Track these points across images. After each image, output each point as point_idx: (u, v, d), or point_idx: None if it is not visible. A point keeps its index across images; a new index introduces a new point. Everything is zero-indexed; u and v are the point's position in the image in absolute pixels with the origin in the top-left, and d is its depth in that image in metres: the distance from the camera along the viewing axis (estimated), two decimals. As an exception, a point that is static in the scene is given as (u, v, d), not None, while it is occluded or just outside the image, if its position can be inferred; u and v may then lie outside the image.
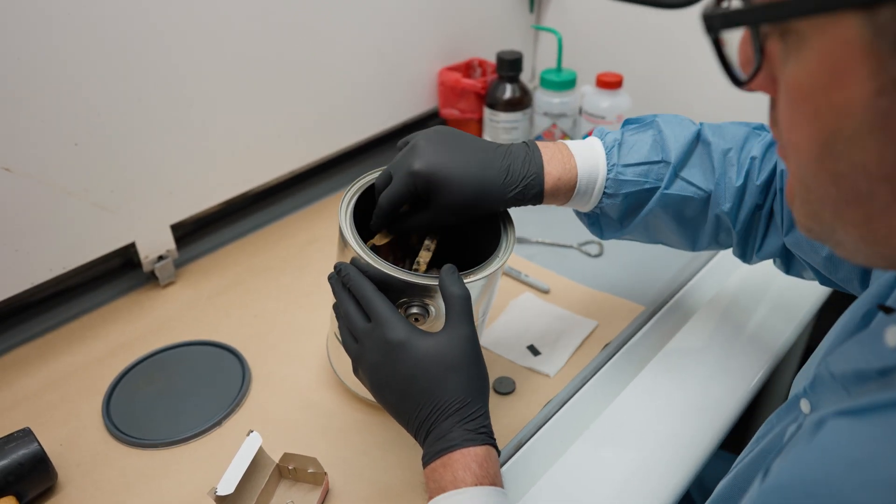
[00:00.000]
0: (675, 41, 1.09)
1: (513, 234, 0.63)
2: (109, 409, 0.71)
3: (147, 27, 0.74)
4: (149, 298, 0.86)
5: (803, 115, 0.31)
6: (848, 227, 0.33)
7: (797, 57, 0.30)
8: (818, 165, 0.31)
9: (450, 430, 0.52)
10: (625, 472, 0.62)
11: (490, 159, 0.60)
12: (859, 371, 0.38)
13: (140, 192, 0.81)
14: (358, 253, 0.57)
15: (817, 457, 0.32)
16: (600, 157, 0.63)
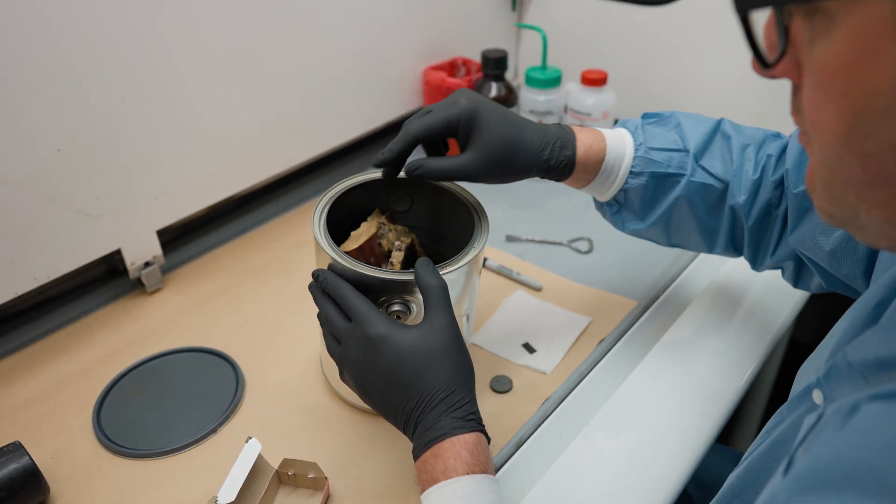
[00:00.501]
0: (657, 38, 1.10)
1: (486, 226, 0.63)
2: (100, 419, 0.69)
3: (130, 31, 0.72)
4: (135, 306, 0.85)
5: (831, 96, 0.31)
6: (872, 210, 0.33)
7: (825, 38, 0.30)
8: (845, 146, 0.31)
9: (437, 420, 0.51)
10: (626, 466, 0.62)
11: (527, 122, 0.62)
12: (881, 359, 0.38)
13: (125, 198, 0.79)
14: (332, 257, 0.58)
15: (853, 440, 0.32)
16: (626, 137, 0.65)
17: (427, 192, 0.71)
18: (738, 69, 1.03)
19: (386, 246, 0.70)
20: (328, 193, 0.65)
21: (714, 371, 0.71)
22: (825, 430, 0.38)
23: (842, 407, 0.38)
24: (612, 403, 0.68)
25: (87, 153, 0.73)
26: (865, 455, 0.31)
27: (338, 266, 0.58)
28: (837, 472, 0.31)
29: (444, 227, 0.73)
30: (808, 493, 0.32)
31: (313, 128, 0.99)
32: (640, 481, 0.61)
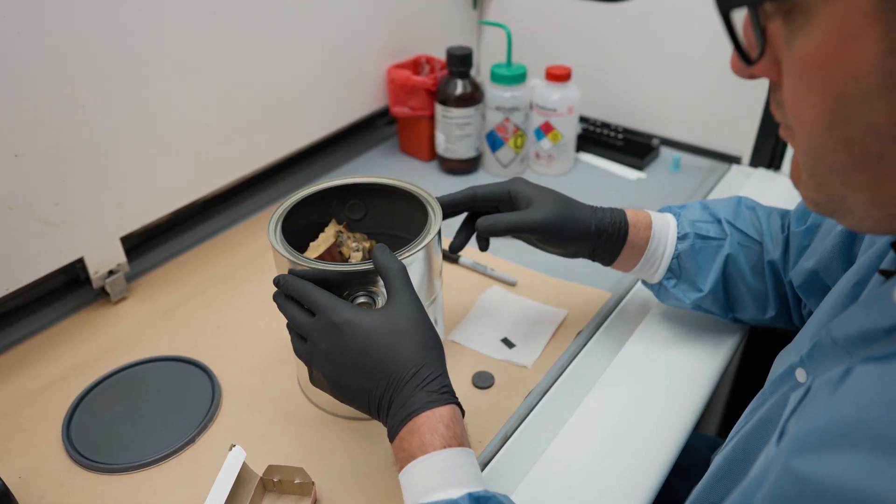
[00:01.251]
0: (617, 34, 1.12)
1: (439, 213, 0.64)
2: (70, 435, 0.66)
3: (90, 32, 0.70)
4: (100, 316, 0.82)
5: (813, 86, 0.32)
6: (858, 193, 0.35)
7: (805, 32, 0.32)
8: (828, 133, 0.33)
9: (410, 395, 0.51)
10: (612, 454, 0.63)
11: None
12: (865, 332, 0.40)
13: (87, 205, 0.76)
14: (292, 260, 0.59)
15: (847, 400, 0.33)
16: (666, 213, 0.71)
17: (381, 198, 0.72)
18: (695, 64, 1.06)
19: (346, 253, 0.70)
20: (282, 204, 0.66)
21: (690, 358, 0.73)
22: (817, 397, 0.39)
23: (831, 376, 0.39)
24: (594, 394, 0.69)
25: (45, 159, 0.71)
26: (860, 413, 0.32)
27: (297, 269, 0.59)
28: (833, 432, 0.32)
29: (402, 229, 0.73)
30: (806, 452, 0.33)
31: (279, 129, 0.97)
32: (628, 468, 0.61)
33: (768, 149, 1.06)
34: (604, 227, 0.68)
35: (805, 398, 0.43)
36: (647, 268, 0.71)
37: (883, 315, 0.38)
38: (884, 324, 0.37)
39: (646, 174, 1.09)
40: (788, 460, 0.33)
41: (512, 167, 1.09)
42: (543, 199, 0.67)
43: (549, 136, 1.05)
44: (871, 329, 0.39)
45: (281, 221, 0.64)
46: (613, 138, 1.14)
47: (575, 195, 1.03)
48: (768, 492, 0.34)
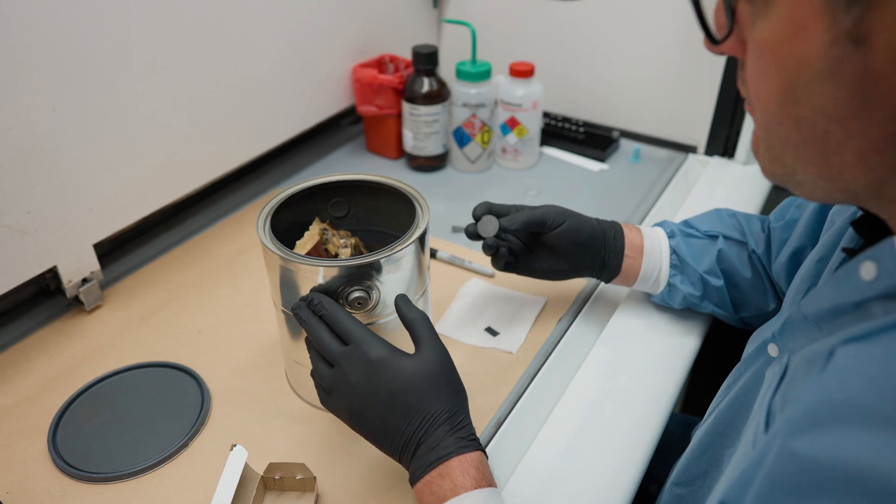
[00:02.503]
0: (575, 29, 1.15)
1: (427, 207, 0.65)
2: (57, 447, 0.65)
3: (57, 35, 0.68)
4: (74, 326, 0.80)
5: (769, 67, 0.36)
6: (807, 167, 0.38)
7: (765, 16, 0.35)
8: (781, 111, 0.36)
9: (442, 439, 0.52)
10: (604, 432, 0.65)
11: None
12: (835, 307, 0.42)
13: (59, 212, 0.74)
14: (283, 256, 0.59)
15: (836, 381, 0.35)
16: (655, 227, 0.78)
17: (364, 195, 0.72)
18: (652, 59, 1.10)
19: (332, 250, 0.71)
20: (269, 202, 0.66)
21: (668, 338, 0.76)
22: (802, 379, 0.41)
23: (812, 356, 0.41)
24: (581, 375, 0.71)
25: (16, 165, 0.69)
26: (847, 392, 0.34)
27: (292, 262, 0.59)
28: (825, 412, 0.34)
29: (385, 225, 0.74)
30: (801, 433, 0.34)
31: (248, 130, 0.97)
32: (620, 445, 0.64)
33: (722, 138, 1.11)
34: (605, 228, 0.74)
35: (785, 377, 0.45)
36: (649, 275, 0.74)
37: (851, 291, 0.40)
38: (852, 298, 0.40)
39: (608, 165, 1.13)
40: (785, 441, 0.35)
41: (479, 162, 1.11)
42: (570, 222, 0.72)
43: (515, 131, 1.08)
44: (841, 304, 0.42)
45: (269, 219, 0.64)
46: (575, 132, 1.17)
47: (542, 187, 1.07)
48: (768, 473, 0.36)
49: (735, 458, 0.48)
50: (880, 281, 0.38)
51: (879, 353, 0.34)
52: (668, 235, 0.75)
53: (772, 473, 0.35)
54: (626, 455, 0.63)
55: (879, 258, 0.38)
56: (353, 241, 0.72)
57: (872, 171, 0.35)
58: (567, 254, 0.72)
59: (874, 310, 0.38)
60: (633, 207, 1.01)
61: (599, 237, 0.73)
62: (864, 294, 0.39)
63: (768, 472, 0.36)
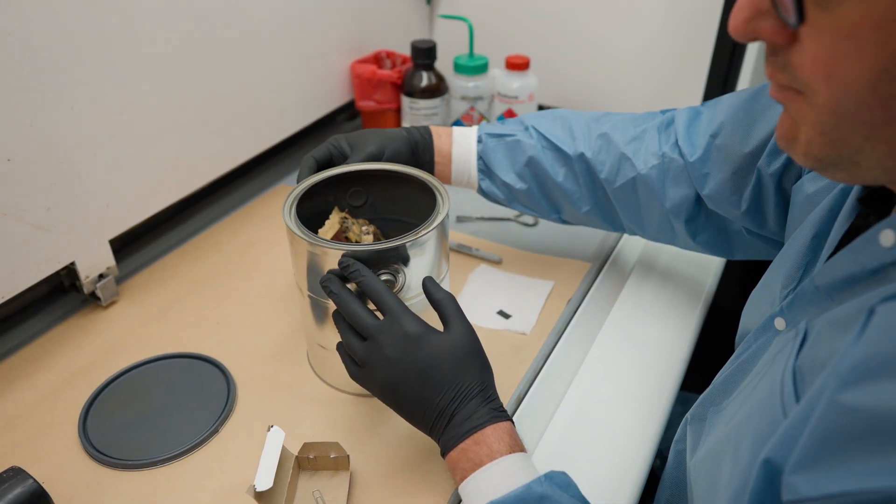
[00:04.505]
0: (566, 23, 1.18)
1: (447, 194, 0.68)
2: (88, 436, 0.66)
3: (75, 36, 0.69)
4: (92, 321, 0.81)
5: (864, 47, 0.34)
6: (878, 145, 0.37)
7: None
8: (871, 91, 0.35)
9: (476, 410, 0.55)
10: (618, 405, 0.68)
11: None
12: (850, 275, 0.44)
13: (76, 208, 0.75)
14: (310, 241, 0.61)
15: (881, 334, 0.36)
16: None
17: (381, 184, 0.74)
18: (642, 49, 1.14)
19: (353, 238, 0.73)
20: (292, 193, 0.68)
21: (671, 315, 0.80)
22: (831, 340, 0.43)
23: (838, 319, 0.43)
24: (594, 351, 0.75)
25: (37, 162, 0.69)
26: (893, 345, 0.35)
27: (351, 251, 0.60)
28: (873, 365, 0.35)
29: (403, 213, 0.76)
30: (850, 386, 0.35)
31: (254, 126, 0.98)
32: (635, 416, 0.67)
33: (710, 125, 1.15)
34: (414, 139, 0.77)
35: (805, 342, 0.46)
36: (460, 177, 0.80)
37: (870, 258, 0.42)
38: (871, 265, 0.42)
39: (602, 154, 1.16)
40: (834, 396, 0.36)
41: (477, 154, 1.13)
42: (360, 138, 0.75)
43: (512, 123, 1.11)
44: (858, 272, 0.43)
45: (295, 206, 0.66)
46: (568, 123, 1.20)
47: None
48: (816, 427, 0.36)
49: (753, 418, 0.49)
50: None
51: None
52: (477, 140, 0.79)
53: (821, 427, 0.36)
54: (640, 428, 0.66)
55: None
56: (373, 229, 0.74)
57: None
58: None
59: (892, 273, 0.40)
60: (630, 194, 1.05)
61: (408, 151, 0.77)
62: (884, 259, 0.41)
63: (816, 426, 0.36)
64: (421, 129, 0.78)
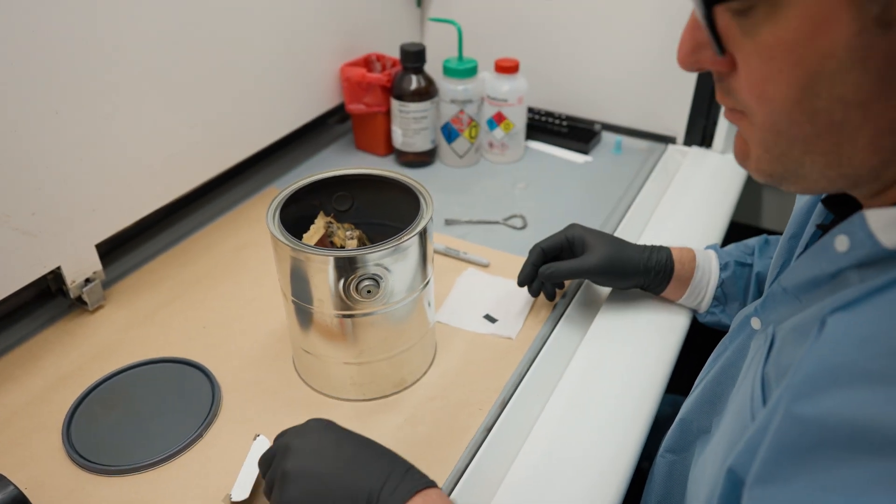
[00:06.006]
0: (552, 27, 1.18)
1: (431, 200, 0.67)
2: (72, 442, 0.66)
3: (61, 41, 0.69)
4: (79, 326, 0.81)
5: (783, 67, 0.37)
6: (815, 158, 0.39)
7: (773, 21, 0.36)
8: (797, 107, 0.38)
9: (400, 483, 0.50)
10: (603, 409, 0.68)
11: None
12: (813, 278, 0.46)
13: (62, 213, 0.75)
14: (293, 247, 0.61)
15: (831, 346, 0.37)
16: (708, 250, 0.80)
17: (367, 188, 0.74)
18: (630, 54, 1.14)
19: (338, 242, 0.73)
20: (277, 197, 0.68)
21: (659, 319, 0.80)
22: (793, 347, 0.44)
23: (799, 326, 0.44)
24: (578, 357, 0.75)
25: (23, 167, 0.69)
26: (842, 356, 0.36)
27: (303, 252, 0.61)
28: (823, 376, 0.36)
29: (388, 218, 0.76)
30: (802, 398, 0.36)
31: (240, 130, 0.98)
32: (619, 419, 0.67)
33: (699, 128, 1.15)
34: (651, 266, 0.77)
35: (773, 347, 0.48)
36: (692, 298, 0.79)
37: (827, 262, 0.43)
38: (828, 269, 0.43)
39: (591, 157, 1.16)
40: (789, 407, 0.37)
41: (467, 157, 1.13)
42: (597, 244, 0.76)
43: (502, 126, 1.11)
44: (818, 275, 0.45)
45: (279, 211, 0.66)
46: (558, 126, 1.20)
47: (529, 180, 1.09)
48: (773, 438, 0.37)
49: (726, 424, 0.51)
50: (853, 251, 0.41)
51: (866, 318, 0.37)
52: (721, 266, 0.77)
53: (777, 438, 0.37)
54: (625, 429, 0.66)
55: (851, 231, 0.41)
56: (358, 234, 0.74)
57: (879, 154, 0.37)
58: (613, 284, 0.80)
59: (851, 278, 0.41)
60: (619, 196, 1.05)
61: (641, 270, 0.77)
62: (840, 264, 0.42)
63: (773, 437, 0.37)
64: (662, 257, 0.77)
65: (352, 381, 0.70)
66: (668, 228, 0.97)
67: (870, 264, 0.40)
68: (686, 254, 0.77)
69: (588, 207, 1.02)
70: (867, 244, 0.39)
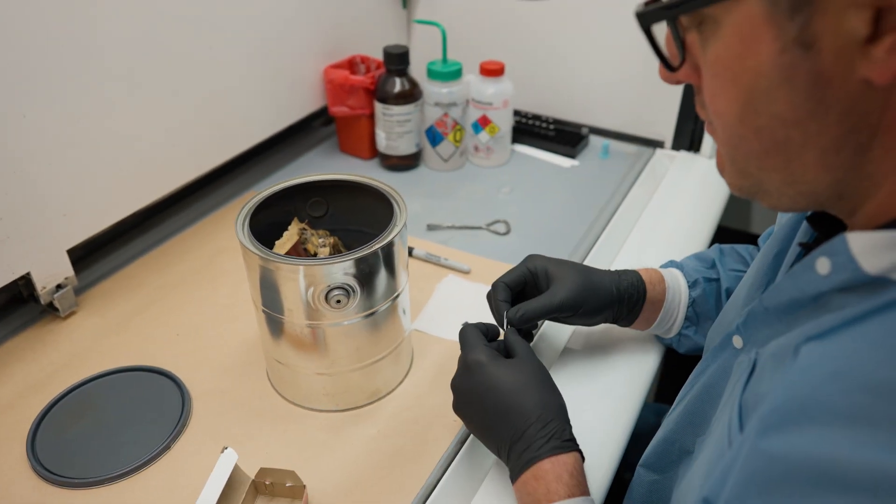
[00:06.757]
0: (540, 30, 1.17)
1: (405, 206, 0.66)
2: (37, 454, 0.64)
3: (28, 43, 0.68)
4: (50, 332, 0.79)
5: (725, 84, 0.38)
6: (772, 175, 0.40)
7: (716, 37, 0.37)
8: (742, 124, 0.38)
9: (533, 441, 0.54)
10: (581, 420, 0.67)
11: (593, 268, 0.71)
12: (793, 300, 0.44)
13: (31, 218, 0.74)
14: (262, 256, 0.60)
15: (800, 378, 0.36)
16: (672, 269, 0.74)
17: (342, 195, 0.73)
18: (618, 57, 1.13)
19: (311, 250, 0.72)
20: (248, 203, 0.67)
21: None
22: (770, 375, 0.43)
23: (778, 351, 0.43)
24: (558, 367, 0.73)
25: (-13, 172, 0.68)
26: (811, 389, 0.35)
27: (272, 262, 0.60)
28: (791, 409, 0.35)
29: (363, 224, 0.75)
30: (769, 431, 0.36)
31: (220, 133, 0.97)
32: (597, 432, 0.66)
33: (688, 133, 1.14)
34: (624, 290, 0.69)
35: (753, 373, 0.47)
36: (664, 322, 0.72)
37: (808, 285, 0.42)
38: (810, 292, 0.42)
39: (578, 161, 1.15)
40: (756, 441, 0.36)
41: (452, 161, 1.12)
42: (563, 275, 0.67)
43: (487, 129, 1.09)
44: (799, 297, 0.43)
45: (248, 219, 0.64)
46: (545, 129, 1.19)
47: (515, 184, 1.08)
48: (741, 471, 0.37)
49: (708, 449, 0.50)
50: (835, 275, 0.39)
51: (839, 349, 0.35)
52: (690, 285, 0.72)
53: (744, 471, 0.37)
54: (602, 442, 0.65)
55: (833, 253, 0.39)
56: (332, 241, 0.72)
57: (832, 172, 0.37)
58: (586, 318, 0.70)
59: (832, 303, 0.40)
60: (605, 201, 1.04)
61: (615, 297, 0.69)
62: (821, 288, 0.41)
63: (741, 471, 0.37)
64: (632, 279, 0.69)
65: (324, 391, 0.68)
66: (654, 233, 0.95)
67: (851, 289, 0.38)
68: (654, 275, 0.72)
69: (573, 212, 1.01)
70: (848, 268, 0.38)
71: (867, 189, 0.38)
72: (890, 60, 0.31)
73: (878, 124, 0.35)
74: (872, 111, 0.34)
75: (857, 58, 0.32)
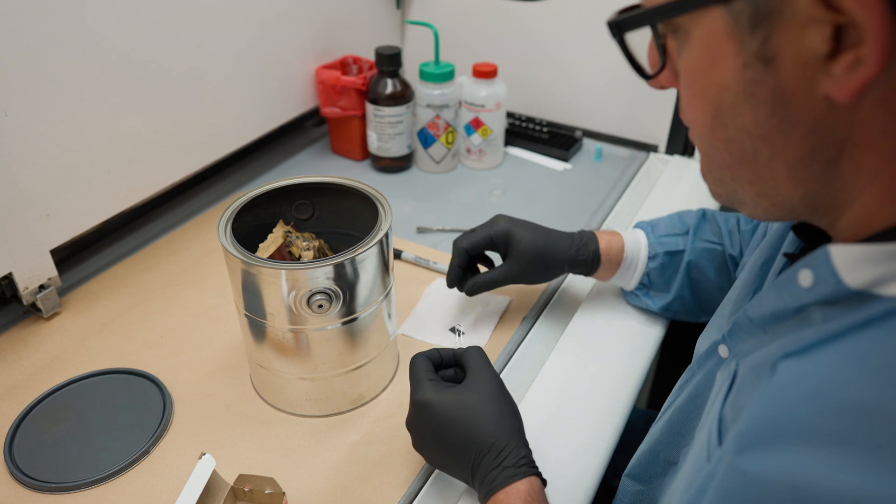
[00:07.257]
0: (535, 32, 1.16)
1: (389, 209, 0.66)
2: (14, 457, 0.64)
3: (10, 39, 0.67)
4: (32, 333, 0.78)
5: (696, 95, 0.38)
6: (744, 186, 0.40)
7: (687, 48, 0.37)
8: (712, 135, 0.38)
9: (488, 472, 0.54)
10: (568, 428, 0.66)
11: (554, 230, 0.76)
12: (777, 312, 0.43)
13: (14, 218, 0.73)
14: (244, 260, 0.59)
15: (777, 396, 0.36)
16: (639, 233, 0.78)
17: (328, 197, 0.72)
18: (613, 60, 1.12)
19: (296, 253, 0.71)
20: (231, 205, 0.66)
21: (628, 336, 0.78)
22: (749, 389, 0.43)
23: (758, 365, 0.43)
24: (543, 373, 0.72)
25: (-32, 171, 0.67)
26: (788, 408, 0.34)
27: (254, 265, 0.59)
28: (767, 428, 0.35)
29: (349, 227, 0.74)
30: (746, 450, 0.35)
31: (210, 133, 0.96)
32: (583, 439, 0.65)
33: (682, 137, 1.13)
34: (579, 263, 0.75)
35: (734, 385, 0.46)
36: (621, 281, 0.79)
37: (791, 297, 0.41)
38: (792, 304, 0.41)
39: (571, 165, 1.14)
40: (732, 459, 0.36)
41: (444, 163, 1.11)
42: (521, 246, 0.73)
43: (479, 132, 1.09)
44: (782, 309, 0.42)
45: (231, 222, 0.63)
46: (539, 132, 1.18)
47: (507, 187, 1.07)
48: (717, 489, 0.37)
49: (690, 461, 0.49)
50: (817, 288, 0.38)
51: (816, 368, 0.35)
52: (650, 257, 0.76)
53: (720, 490, 0.36)
54: (589, 450, 0.64)
55: (815, 266, 0.38)
56: (317, 244, 0.72)
57: (803, 185, 0.37)
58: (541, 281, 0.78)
59: (814, 316, 0.39)
60: (597, 205, 1.03)
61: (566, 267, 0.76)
62: (804, 300, 0.40)
63: (717, 489, 0.37)
64: (588, 254, 0.75)
65: (307, 396, 0.68)
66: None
67: (833, 302, 0.37)
68: (615, 242, 0.76)
69: (566, 216, 1.00)
70: (830, 282, 0.37)
71: (841, 202, 0.37)
72: (849, 78, 0.31)
73: (847, 140, 0.34)
74: (839, 127, 0.34)
75: (819, 74, 0.32)
